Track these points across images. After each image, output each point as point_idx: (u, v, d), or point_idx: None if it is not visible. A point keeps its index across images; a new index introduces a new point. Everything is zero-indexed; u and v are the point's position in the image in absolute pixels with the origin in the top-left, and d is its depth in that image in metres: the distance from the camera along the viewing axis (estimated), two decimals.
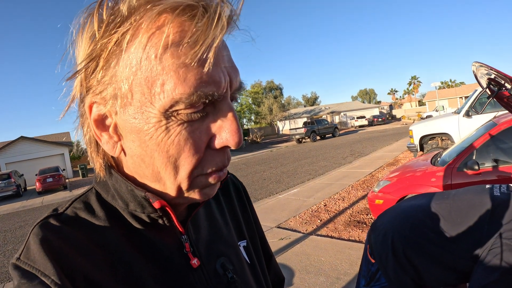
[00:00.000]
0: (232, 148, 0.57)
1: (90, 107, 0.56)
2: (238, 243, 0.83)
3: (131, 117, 0.53)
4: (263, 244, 0.97)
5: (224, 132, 0.55)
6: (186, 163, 0.55)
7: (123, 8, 0.50)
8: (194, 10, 0.50)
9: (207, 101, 0.52)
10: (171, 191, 0.58)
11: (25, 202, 20.19)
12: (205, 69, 0.50)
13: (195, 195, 0.60)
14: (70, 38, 0.55)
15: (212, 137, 0.56)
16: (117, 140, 0.58)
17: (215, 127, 0.55)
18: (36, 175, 24.91)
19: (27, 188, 29.17)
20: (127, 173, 0.63)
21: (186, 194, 0.59)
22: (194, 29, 0.49)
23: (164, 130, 0.52)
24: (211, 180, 0.59)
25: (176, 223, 0.63)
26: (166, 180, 0.57)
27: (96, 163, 0.63)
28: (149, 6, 0.49)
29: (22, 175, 28.07)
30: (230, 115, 0.55)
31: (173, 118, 0.52)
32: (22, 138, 33.05)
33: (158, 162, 0.55)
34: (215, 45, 0.50)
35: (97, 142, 0.61)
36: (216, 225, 0.80)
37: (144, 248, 0.63)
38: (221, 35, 0.50)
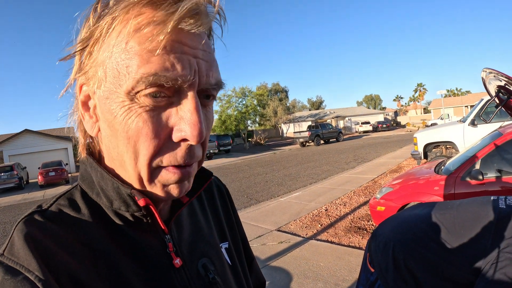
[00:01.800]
0: (192, 143, 0.56)
1: (80, 88, 0.62)
2: (220, 245, 0.85)
3: (104, 97, 0.57)
4: (245, 246, 0.98)
5: (183, 124, 0.55)
6: (144, 148, 0.56)
7: (111, 0, 0.56)
8: (160, 2, 0.54)
9: (166, 85, 0.53)
10: (133, 180, 0.60)
11: (27, 195, 20.32)
12: (168, 55, 0.53)
13: (157, 190, 0.60)
14: (76, 29, 0.60)
15: (173, 128, 0.56)
16: (95, 121, 0.62)
17: (176, 117, 0.56)
18: (38, 168, 25.00)
19: (29, 181, 29.36)
20: (106, 164, 0.66)
21: (148, 187, 0.60)
22: (157, 16, 0.53)
23: (126, 110, 0.55)
24: (172, 176, 0.58)
25: (160, 223, 0.64)
26: (127, 165, 0.58)
27: (80, 143, 0.68)
28: None
29: (25, 167, 28.27)
30: (192, 106, 0.55)
31: (136, 100, 0.55)
32: (27, 131, 33.26)
33: (121, 143, 0.57)
34: (182, 35, 0.55)
35: (82, 122, 0.66)
36: (199, 226, 0.81)
37: (127, 246, 0.63)
38: (178, 22, 0.54)
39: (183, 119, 0.55)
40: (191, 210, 0.82)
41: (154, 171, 0.58)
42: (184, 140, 0.56)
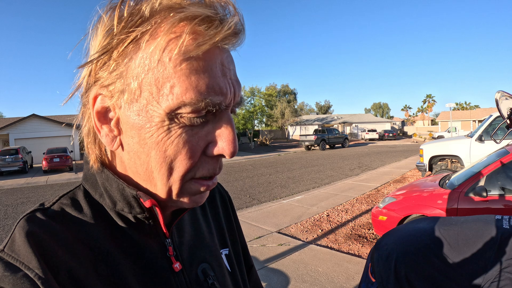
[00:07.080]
0: (227, 157, 0.59)
1: (95, 99, 0.58)
2: (220, 251, 0.85)
3: (134, 113, 0.55)
4: (244, 253, 0.99)
5: (221, 141, 0.58)
6: (181, 166, 0.57)
7: (146, 9, 0.52)
8: (211, 21, 0.53)
9: (214, 110, 0.55)
10: (161, 193, 0.60)
11: (30, 179, 20.43)
12: (215, 79, 0.54)
13: (184, 200, 0.62)
14: (89, 27, 0.57)
15: (209, 144, 0.58)
16: (117, 134, 0.59)
17: (213, 135, 0.58)
18: (43, 153, 25.15)
19: (34, 165, 29.53)
20: (119, 172, 0.64)
21: (175, 198, 0.61)
22: (205, 37, 0.52)
23: (165, 130, 0.55)
24: (201, 188, 0.61)
25: (162, 226, 0.64)
26: (157, 180, 0.58)
27: (92, 155, 0.64)
28: (171, 12, 0.52)
29: (30, 152, 28.46)
30: (229, 126, 0.58)
31: (176, 120, 0.54)
32: (34, 116, 33.30)
33: (153, 161, 0.57)
34: (223, 55, 0.56)
35: (95, 134, 0.62)
36: (200, 232, 0.81)
37: (128, 248, 0.64)
38: (225, 42, 0.55)
39: (221, 137, 0.57)
40: (193, 215, 0.83)
41: (185, 184, 0.59)
42: (220, 155, 0.59)
